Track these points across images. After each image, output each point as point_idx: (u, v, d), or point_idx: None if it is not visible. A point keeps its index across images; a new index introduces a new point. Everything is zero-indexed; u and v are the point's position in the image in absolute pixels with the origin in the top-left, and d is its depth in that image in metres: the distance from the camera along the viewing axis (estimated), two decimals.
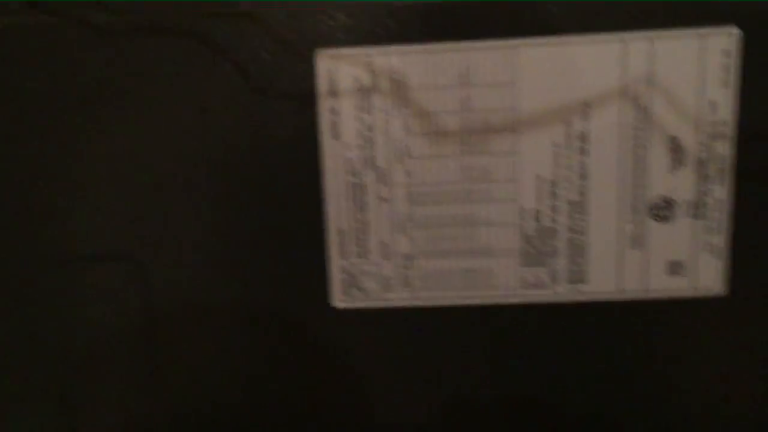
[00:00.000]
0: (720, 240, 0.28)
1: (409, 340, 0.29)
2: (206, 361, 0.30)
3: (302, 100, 0.27)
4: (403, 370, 0.29)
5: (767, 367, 0.29)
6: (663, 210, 0.27)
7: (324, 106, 0.27)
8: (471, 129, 0.27)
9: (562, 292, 0.28)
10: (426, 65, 0.27)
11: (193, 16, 0.27)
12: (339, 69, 0.27)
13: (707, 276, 0.28)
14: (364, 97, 0.27)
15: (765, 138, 0.27)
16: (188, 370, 0.30)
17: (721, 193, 0.27)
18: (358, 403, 0.30)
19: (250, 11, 0.27)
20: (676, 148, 0.27)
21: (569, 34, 0.26)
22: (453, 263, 0.28)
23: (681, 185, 0.27)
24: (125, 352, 0.30)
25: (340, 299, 0.29)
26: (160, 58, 0.27)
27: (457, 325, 0.29)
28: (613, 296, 0.28)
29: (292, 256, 0.29)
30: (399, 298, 0.29)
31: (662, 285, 0.28)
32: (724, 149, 0.27)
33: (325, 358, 0.29)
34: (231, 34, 0.27)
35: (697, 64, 0.26)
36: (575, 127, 0.27)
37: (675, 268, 0.28)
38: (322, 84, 0.27)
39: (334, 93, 0.27)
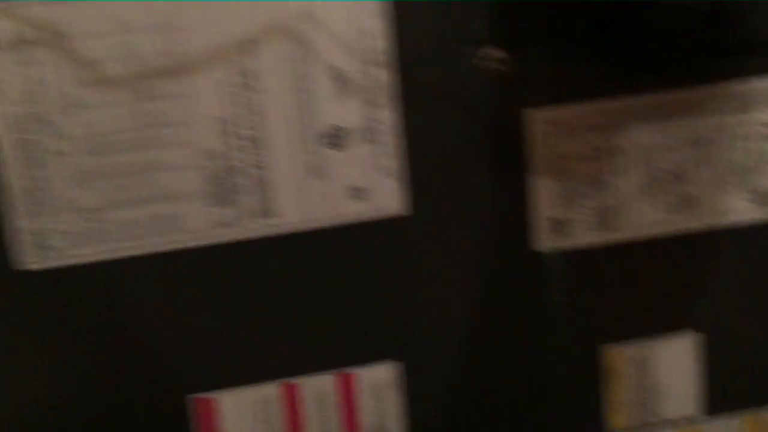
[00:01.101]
0: (395, 163, 0.29)
1: (106, 296, 0.29)
2: None
3: None
4: (105, 326, 0.29)
5: (454, 281, 0.30)
6: (335, 138, 0.28)
7: None
8: (138, 75, 0.27)
9: (251, 228, 0.29)
10: (85, 14, 0.27)
11: None
12: None
13: (388, 198, 0.29)
14: (25, 50, 0.27)
15: (424, 62, 0.28)
16: None
17: (390, 118, 0.29)
18: (65, 367, 0.29)
19: None
20: (339, 78, 0.28)
21: None
22: (139, 212, 0.28)
23: (349, 113, 0.28)
24: None
25: (30, 261, 0.28)
26: None
27: (152, 273, 0.29)
28: (300, 226, 0.29)
29: None
30: (90, 252, 0.28)
31: (346, 210, 0.29)
32: (385, 76, 0.28)
33: (18, 322, 0.28)
34: None
35: None
36: (241, 65, 0.28)
37: (356, 193, 0.29)
38: None
39: None
